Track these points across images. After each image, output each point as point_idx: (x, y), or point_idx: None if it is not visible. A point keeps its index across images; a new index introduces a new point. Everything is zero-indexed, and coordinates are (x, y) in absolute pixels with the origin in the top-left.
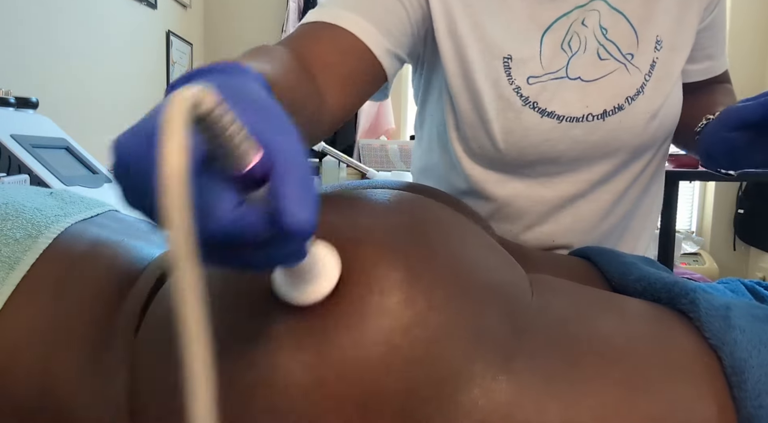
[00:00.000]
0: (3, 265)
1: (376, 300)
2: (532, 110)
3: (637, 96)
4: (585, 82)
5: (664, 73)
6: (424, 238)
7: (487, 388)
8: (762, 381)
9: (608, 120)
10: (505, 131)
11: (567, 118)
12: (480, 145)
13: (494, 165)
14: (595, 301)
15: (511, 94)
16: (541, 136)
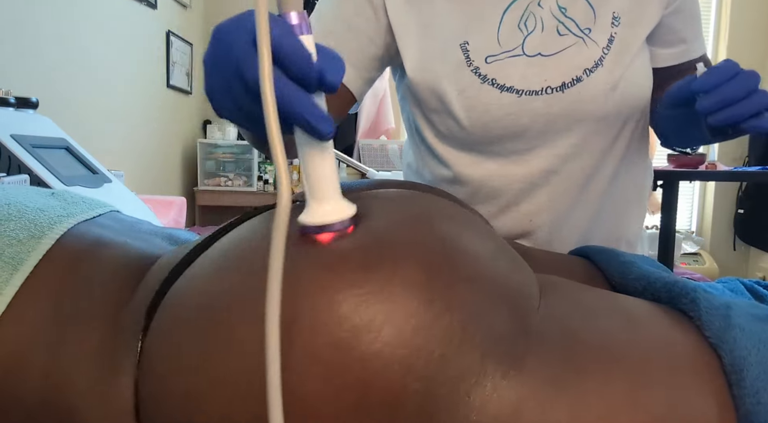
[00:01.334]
0: (6, 266)
1: (397, 303)
2: (491, 87)
3: (596, 68)
4: (545, 56)
5: (623, 47)
6: (440, 239)
7: (497, 385)
8: (761, 378)
9: (567, 92)
10: (467, 108)
11: (526, 91)
12: (447, 127)
13: (465, 146)
14: (597, 300)
15: (470, 74)
16: (502, 111)
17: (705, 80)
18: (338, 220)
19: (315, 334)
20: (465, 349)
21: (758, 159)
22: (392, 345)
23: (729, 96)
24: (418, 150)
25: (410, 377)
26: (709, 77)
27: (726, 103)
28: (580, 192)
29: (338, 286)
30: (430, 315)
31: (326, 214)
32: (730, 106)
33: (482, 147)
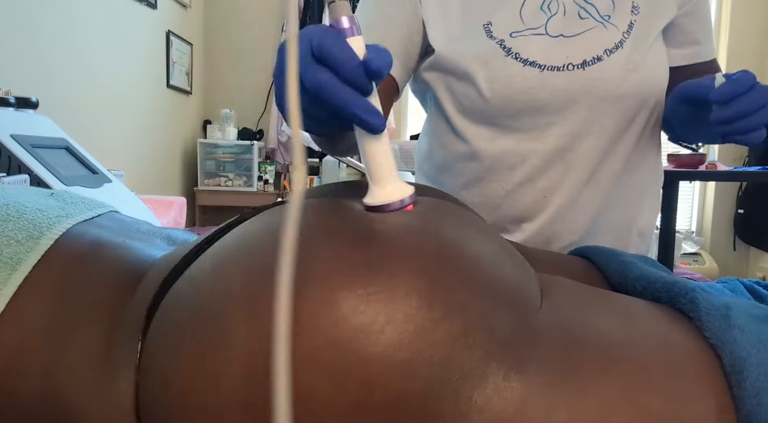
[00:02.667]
0: (5, 266)
1: (398, 307)
2: (514, 60)
3: (616, 50)
4: (566, 37)
5: (642, 34)
6: (441, 242)
7: (500, 387)
8: (761, 379)
9: (588, 69)
10: (490, 80)
11: (548, 67)
12: (470, 100)
13: (484, 119)
14: (598, 301)
15: (494, 46)
16: (524, 84)
17: (724, 92)
18: (398, 199)
19: (316, 334)
20: (467, 351)
21: (758, 159)
22: (394, 347)
23: (743, 110)
24: (436, 130)
25: (412, 380)
26: (727, 89)
27: (740, 115)
28: (594, 172)
29: (339, 287)
30: (432, 318)
31: (388, 195)
32: (742, 119)
33: (502, 121)
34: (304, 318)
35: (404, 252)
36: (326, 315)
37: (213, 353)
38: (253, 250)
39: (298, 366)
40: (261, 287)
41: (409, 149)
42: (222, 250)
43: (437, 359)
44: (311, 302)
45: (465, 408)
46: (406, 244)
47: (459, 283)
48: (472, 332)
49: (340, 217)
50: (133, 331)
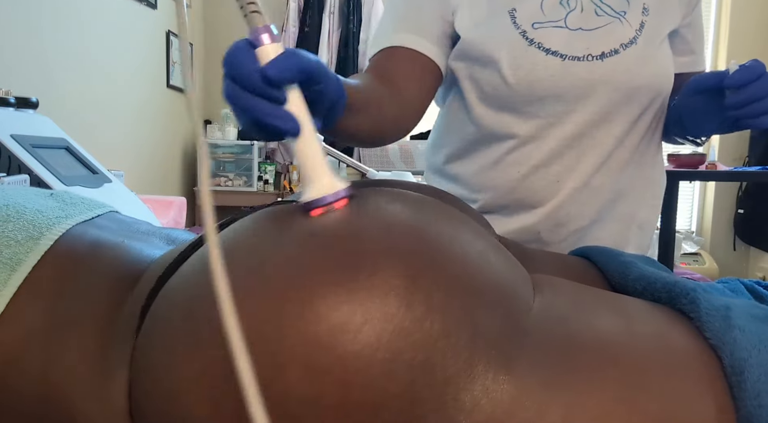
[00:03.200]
0: (5, 266)
1: (376, 306)
2: (537, 49)
3: (631, 45)
4: (585, 31)
5: (653, 33)
6: (424, 241)
7: (488, 388)
8: (761, 380)
9: (606, 61)
10: (514, 67)
11: (570, 57)
12: (493, 86)
13: (506, 106)
14: (595, 300)
15: (518, 36)
16: (546, 72)
17: (739, 77)
18: (328, 195)
19: (293, 333)
20: (450, 352)
21: (758, 159)
22: (372, 347)
23: (756, 94)
24: (452, 120)
25: (392, 381)
26: (742, 75)
27: (752, 99)
28: (606, 159)
29: (318, 285)
30: (410, 319)
31: (317, 192)
32: (754, 103)
33: (523, 107)
34: (282, 317)
35: (384, 251)
36: (304, 314)
37: (197, 351)
38: (241, 250)
39: (276, 364)
40: (248, 286)
41: (409, 149)
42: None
43: (418, 360)
44: (289, 301)
45: (452, 410)
46: (387, 242)
47: (440, 282)
48: (455, 333)
49: (319, 217)
50: (129, 330)
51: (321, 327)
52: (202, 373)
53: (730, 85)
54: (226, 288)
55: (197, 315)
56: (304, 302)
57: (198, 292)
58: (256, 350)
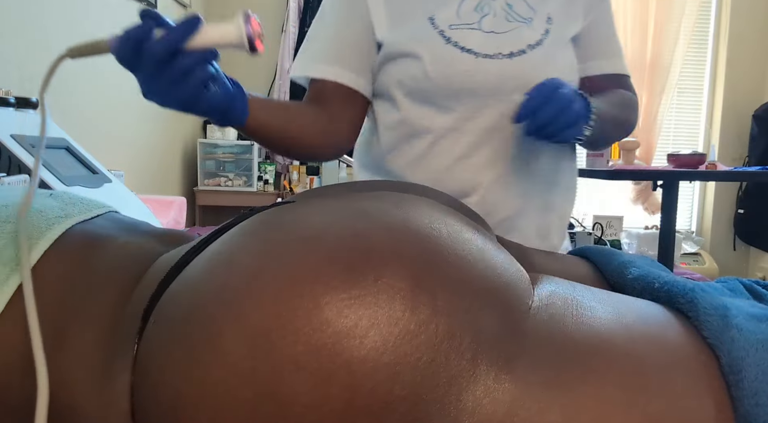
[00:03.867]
0: (4, 267)
1: (382, 310)
2: (454, 47)
3: (537, 46)
4: (497, 33)
5: (556, 38)
6: (427, 243)
7: (490, 388)
8: (759, 379)
9: (515, 59)
10: (434, 62)
11: (482, 54)
12: (415, 80)
13: (427, 99)
14: (594, 300)
15: (437, 35)
16: (462, 66)
17: (524, 109)
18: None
19: (299, 339)
20: (453, 353)
21: (758, 159)
22: (378, 351)
23: (542, 120)
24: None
25: (397, 384)
26: (522, 110)
27: (542, 126)
28: (521, 151)
29: (322, 291)
30: (416, 321)
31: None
32: (546, 128)
33: (442, 101)
34: (287, 322)
35: (388, 254)
36: (309, 320)
37: (199, 357)
38: (244, 256)
39: (282, 370)
40: (252, 292)
41: None
42: (214, 254)
43: (423, 362)
44: (294, 307)
45: (455, 410)
46: (390, 246)
47: (444, 284)
48: (458, 334)
49: (323, 221)
50: (130, 333)
51: (327, 332)
52: (204, 378)
53: (519, 121)
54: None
55: (199, 320)
56: (310, 308)
57: (200, 298)
58: (261, 356)
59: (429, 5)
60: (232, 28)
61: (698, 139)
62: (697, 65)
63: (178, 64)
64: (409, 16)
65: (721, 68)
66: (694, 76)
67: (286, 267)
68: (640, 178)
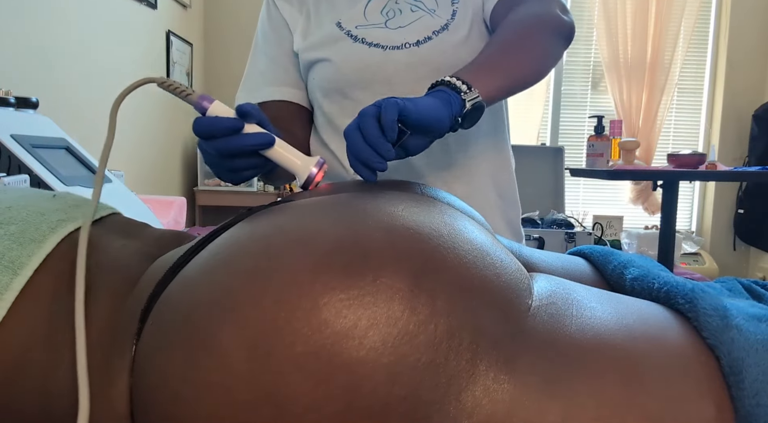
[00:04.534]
0: (7, 270)
1: (381, 310)
2: (361, 44)
3: (443, 31)
4: (403, 27)
5: (462, 18)
6: (425, 242)
7: (489, 388)
8: (759, 380)
9: (422, 46)
10: (342, 59)
11: (390, 47)
12: (328, 79)
13: (344, 95)
14: (593, 300)
15: (344, 37)
16: (371, 60)
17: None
18: (314, 168)
19: (297, 340)
20: (453, 354)
21: (758, 159)
22: (377, 351)
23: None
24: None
25: (397, 384)
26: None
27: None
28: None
29: (321, 292)
30: (415, 322)
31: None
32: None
33: (356, 94)
34: (286, 324)
35: (386, 254)
36: (308, 320)
37: (197, 359)
38: (242, 257)
39: (281, 371)
40: (252, 293)
41: None
42: (211, 254)
43: (422, 363)
44: (293, 308)
45: (454, 410)
46: (388, 246)
47: (444, 284)
48: (458, 334)
49: (321, 221)
50: (128, 334)
51: (326, 333)
52: (203, 379)
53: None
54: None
55: (197, 322)
56: (309, 309)
57: (198, 299)
58: (260, 357)
59: (336, 11)
60: (301, 164)
61: (698, 139)
62: (697, 65)
63: (236, 164)
64: (319, 25)
65: (721, 68)
66: (694, 76)
67: (284, 268)
68: (640, 178)
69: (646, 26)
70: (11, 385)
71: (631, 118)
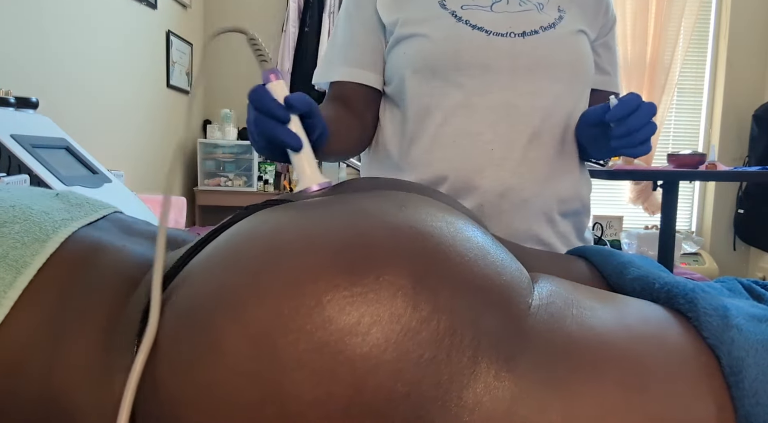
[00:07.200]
0: (10, 268)
1: (384, 307)
2: (465, 25)
3: (550, 28)
4: (509, 13)
5: (570, 25)
6: (428, 240)
7: (490, 386)
8: (759, 379)
9: (527, 38)
10: (442, 37)
11: (494, 32)
12: (423, 55)
13: (436, 74)
14: (594, 300)
15: (447, 15)
16: (472, 43)
17: (616, 112)
18: (316, 185)
19: (301, 337)
20: (455, 351)
21: (758, 159)
22: (380, 348)
23: (634, 125)
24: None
25: (400, 381)
26: (619, 109)
27: (631, 131)
28: (537, 130)
29: (324, 288)
30: (418, 318)
31: (308, 184)
32: (633, 134)
33: (451, 75)
34: (289, 321)
35: (389, 251)
36: (312, 317)
37: (200, 358)
38: (243, 254)
39: (284, 368)
40: (255, 290)
41: None
42: (213, 253)
43: (425, 359)
44: (296, 305)
45: (455, 408)
46: (391, 243)
47: (446, 281)
48: (459, 331)
49: (323, 220)
50: (130, 334)
51: (329, 330)
52: (205, 379)
53: (611, 120)
54: None
55: (200, 320)
56: (312, 306)
57: (200, 298)
58: (263, 355)
59: None
60: (309, 176)
61: (698, 139)
62: (697, 65)
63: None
64: (418, 0)
65: (721, 68)
66: (694, 76)
67: (287, 265)
68: (640, 178)
69: (646, 26)
70: (11, 384)
71: None
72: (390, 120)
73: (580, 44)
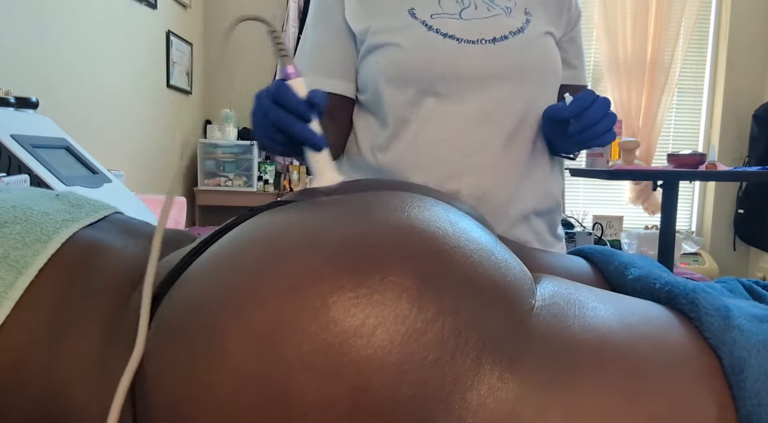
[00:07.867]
0: (11, 269)
1: (389, 309)
2: (436, 34)
3: (518, 33)
4: (479, 20)
5: (537, 28)
6: (432, 241)
7: (494, 387)
8: (761, 380)
9: (497, 44)
10: (414, 46)
11: (465, 40)
12: (395, 65)
13: (409, 83)
14: (595, 301)
15: (418, 25)
16: (444, 52)
17: (572, 108)
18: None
19: (305, 338)
20: (459, 352)
21: (758, 159)
22: (385, 349)
23: (591, 119)
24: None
25: (404, 383)
26: (574, 106)
27: (589, 124)
28: (511, 134)
29: (329, 289)
30: (423, 320)
31: (322, 183)
32: (592, 127)
33: (424, 85)
34: (293, 322)
35: (394, 253)
36: (316, 319)
37: (201, 360)
38: (246, 255)
39: (289, 370)
40: (260, 292)
41: None
42: (216, 255)
43: (429, 361)
44: (301, 307)
45: (459, 409)
46: (396, 244)
47: (451, 282)
48: (464, 333)
49: (327, 221)
50: (130, 335)
51: (334, 331)
52: (207, 380)
53: (568, 116)
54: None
55: (202, 322)
56: (317, 307)
57: (203, 299)
58: (267, 356)
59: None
60: (334, 177)
61: (698, 139)
62: (697, 65)
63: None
64: (387, 10)
65: (721, 68)
66: (694, 76)
67: (291, 267)
68: (640, 178)
69: (646, 26)
70: (12, 383)
71: (630, 118)
72: (365, 127)
73: (548, 47)
